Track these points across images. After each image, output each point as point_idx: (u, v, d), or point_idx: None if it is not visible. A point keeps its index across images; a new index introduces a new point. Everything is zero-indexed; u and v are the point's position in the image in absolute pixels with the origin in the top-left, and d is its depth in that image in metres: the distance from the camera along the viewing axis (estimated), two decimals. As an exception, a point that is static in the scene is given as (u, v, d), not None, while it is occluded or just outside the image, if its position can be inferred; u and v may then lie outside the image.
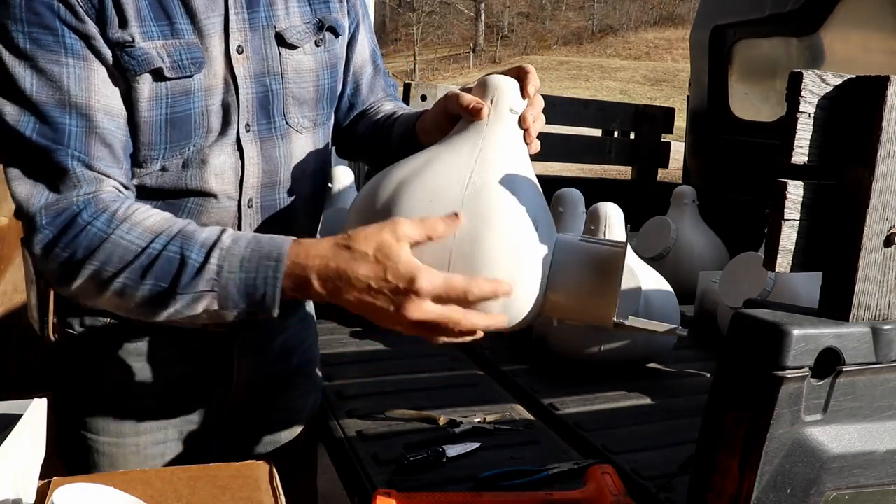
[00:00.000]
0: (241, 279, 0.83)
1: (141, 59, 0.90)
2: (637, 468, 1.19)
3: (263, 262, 0.83)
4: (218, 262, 0.84)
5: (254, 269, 0.83)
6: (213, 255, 0.84)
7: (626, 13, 54.33)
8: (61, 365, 1.10)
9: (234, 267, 0.84)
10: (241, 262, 0.84)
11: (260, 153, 1.01)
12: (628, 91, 32.24)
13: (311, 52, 1.04)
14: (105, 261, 0.85)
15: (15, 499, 0.73)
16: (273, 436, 1.24)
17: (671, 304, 1.63)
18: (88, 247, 0.85)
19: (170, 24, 0.92)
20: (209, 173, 0.98)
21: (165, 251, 0.84)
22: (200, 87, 0.94)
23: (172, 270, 0.84)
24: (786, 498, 0.69)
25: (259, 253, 0.84)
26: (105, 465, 1.08)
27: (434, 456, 1.18)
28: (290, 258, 0.83)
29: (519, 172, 0.90)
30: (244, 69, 0.98)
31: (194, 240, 0.85)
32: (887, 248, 0.71)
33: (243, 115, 0.99)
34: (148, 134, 0.93)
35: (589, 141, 3.00)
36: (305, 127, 1.06)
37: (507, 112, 0.93)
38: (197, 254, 0.84)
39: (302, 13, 1.04)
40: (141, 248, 0.84)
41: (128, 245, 0.85)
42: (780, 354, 0.66)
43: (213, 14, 0.95)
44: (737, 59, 2.66)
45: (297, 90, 1.04)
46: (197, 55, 0.93)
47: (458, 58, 49.10)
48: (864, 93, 0.69)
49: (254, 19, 0.99)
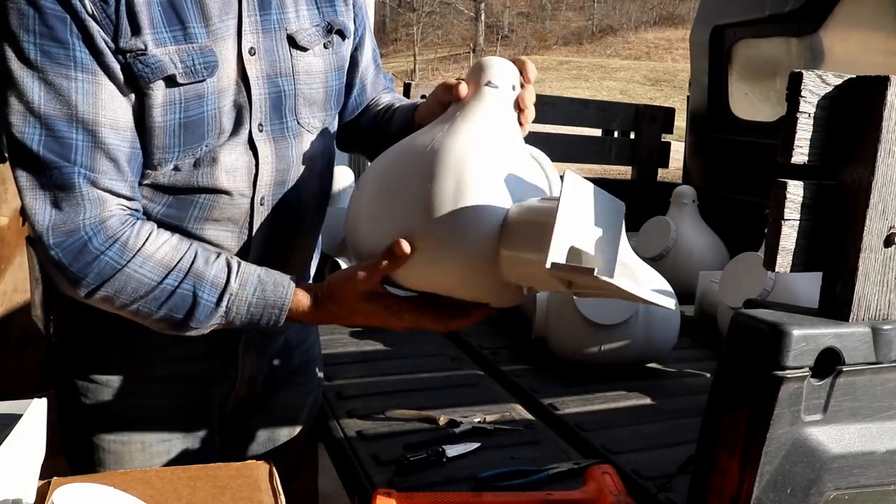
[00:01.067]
0: (246, 319, 0.97)
1: (154, 66, 0.90)
2: (637, 468, 1.19)
3: (268, 309, 0.97)
4: (227, 306, 0.96)
5: (259, 314, 0.97)
6: (223, 300, 0.95)
7: (626, 13, 54.32)
8: (66, 363, 1.10)
9: (241, 311, 0.96)
10: (248, 307, 0.96)
11: (274, 152, 1.03)
12: (628, 91, 32.24)
13: (320, 53, 1.06)
14: (119, 289, 0.92)
15: (15, 499, 0.73)
16: (273, 434, 1.24)
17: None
18: (101, 275, 0.91)
19: (183, 30, 0.92)
20: (220, 171, 0.98)
21: (179, 289, 0.93)
22: (213, 90, 0.95)
23: (186, 306, 0.94)
24: (786, 498, 0.69)
25: (264, 301, 0.97)
26: (111, 463, 1.08)
27: (434, 456, 1.19)
28: (290, 311, 0.97)
29: (487, 140, 0.91)
30: (256, 70, 0.99)
31: (205, 280, 0.94)
32: (887, 248, 0.71)
33: (256, 115, 1.00)
34: (162, 138, 0.94)
35: (589, 141, 3.00)
36: (315, 127, 1.08)
37: (497, 92, 0.95)
38: (209, 295, 0.95)
39: (311, 16, 1.05)
40: (155, 283, 0.93)
41: (141, 278, 0.92)
42: (780, 354, 0.66)
43: (227, 17, 0.96)
44: (737, 59, 2.65)
45: (308, 91, 1.05)
46: (210, 59, 0.94)
47: (458, 58, 49.10)
48: (864, 93, 0.69)
49: (266, 21, 1.00)
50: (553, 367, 1.62)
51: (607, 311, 1.55)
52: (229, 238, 1.02)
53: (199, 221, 1.00)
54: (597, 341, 1.56)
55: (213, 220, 1.01)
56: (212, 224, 1.01)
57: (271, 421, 1.24)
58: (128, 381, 1.08)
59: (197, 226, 1.00)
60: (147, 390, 1.08)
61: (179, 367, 1.09)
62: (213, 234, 1.01)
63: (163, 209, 0.98)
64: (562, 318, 1.60)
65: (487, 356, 1.70)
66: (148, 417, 1.09)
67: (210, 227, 1.01)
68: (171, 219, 0.99)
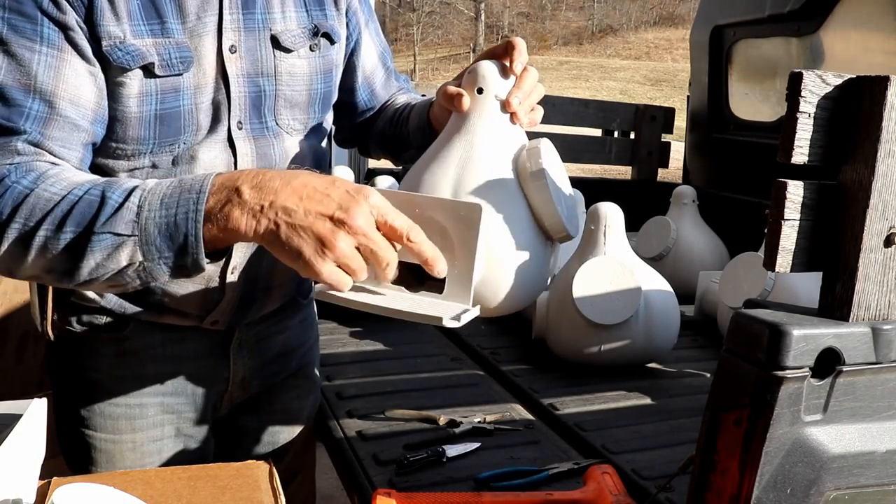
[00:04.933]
0: (161, 217, 0.78)
1: (134, 53, 0.90)
2: (637, 468, 1.19)
3: (185, 195, 0.79)
4: (139, 203, 0.79)
5: (174, 204, 0.78)
6: (133, 195, 0.80)
7: (626, 13, 54.32)
8: (60, 361, 1.10)
9: (154, 205, 0.79)
10: (161, 200, 0.79)
11: (254, 150, 1.02)
12: (628, 91, 32.23)
13: (305, 56, 1.05)
14: (28, 215, 0.80)
15: (15, 499, 0.73)
16: (271, 436, 1.24)
17: (671, 304, 1.63)
18: (13, 205, 0.80)
19: (160, 23, 0.92)
20: (199, 169, 0.98)
21: (86, 195, 0.80)
22: (189, 84, 0.95)
23: (91, 212, 0.79)
24: (786, 498, 0.69)
25: (181, 188, 0.79)
26: (102, 462, 1.08)
27: (434, 456, 1.19)
28: (214, 183, 0.79)
29: (500, 174, 0.90)
30: (237, 68, 0.98)
31: (118, 184, 0.82)
32: (887, 248, 0.71)
33: (235, 113, 0.99)
34: (136, 128, 0.93)
35: (589, 141, 3.00)
36: (295, 129, 1.07)
37: (493, 99, 0.93)
38: (118, 195, 0.80)
39: (299, 18, 1.05)
40: (62, 195, 0.80)
41: (50, 196, 0.80)
42: (780, 354, 0.66)
43: (207, 14, 0.96)
44: (737, 59, 2.66)
45: (289, 93, 1.04)
46: (185, 55, 0.94)
47: (458, 58, 49.06)
48: (865, 93, 0.69)
49: (249, 20, 0.99)
50: (553, 367, 1.62)
51: (607, 311, 1.55)
52: None
53: None
54: (597, 341, 1.56)
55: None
56: None
57: (270, 423, 1.23)
58: (119, 380, 1.08)
59: None
60: (137, 389, 1.08)
61: (170, 366, 1.09)
62: None
63: None
64: (562, 318, 1.60)
65: (487, 356, 1.70)
66: (139, 417, 1.09)
67: None
68: None
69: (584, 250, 1.62)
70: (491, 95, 0.93)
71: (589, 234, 1.62)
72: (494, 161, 0.91)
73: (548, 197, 0.89)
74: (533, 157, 0.90)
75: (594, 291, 1.55)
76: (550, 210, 0.90)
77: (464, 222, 0.82)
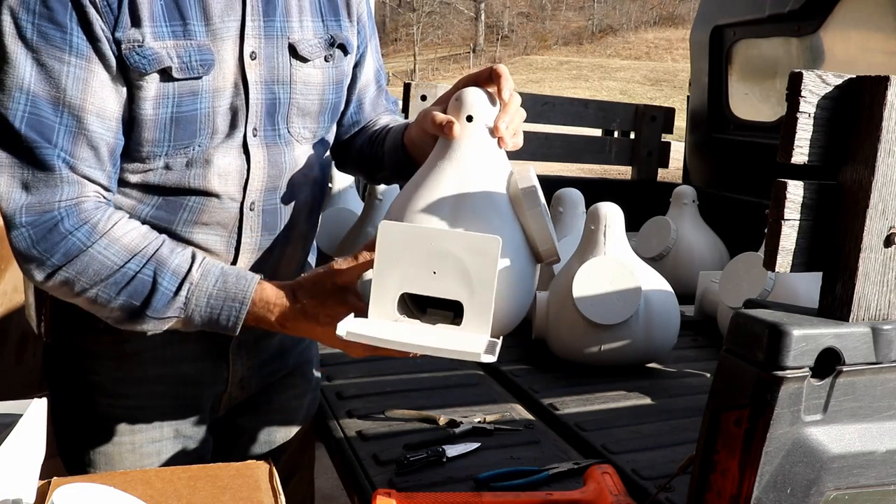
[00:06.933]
0: (206, 313, 0.94)
1: (151, 57, 0.90)
2: (637, 468, 1.19)
3: (228, 302, 0.94)
4: (186, 296, 0.93)
5: (219, 307, 0.94)
6: (182, 288, 0.93)
7: (626, 13, 54.33)
8: (58, 363, 1.10)
9: (200, 302, 0.93)
10: (207, 299, 0.93)
11: (266, 158, 1.03)
12: (628, 91, 32.24)
13: (320, 66, 1.06)
14: (81, 271, 0.90)
15: (15, 499, 0.73)
16: (268, 435, 1.24)
17: (671, 304, 1.63)
18: (66, 255, 0.89)
19: (183, 25, 0.93)
20: (212, 174, 0.98)
21: (140, 273, 0.91)
22: (208, 88, 0.95)
23: (145, 293, 0.92)
24: (786, 498, 0.69)
25: (225, 293, 0.94)
26: (101, 463, 1.08)
27: (434, 456, 1.19)
28: (253, 303, 0.94)
29: (494, 200, 0.91)
30: (256, 75, 0.99)
31: (167, 267, 0.92)
32: (887, 248, 0.71)
33: (251, 119, 1.00)
34: (152, 131, 0.93)
35: (589, 141, 3.00)
36: (305, 138, 1.08)
37: (482, 126, 0.94)
38: (169, 282, 0.92)
39: (315, 28, 1.05)
40: (117, 266, 0.91)
41: (104, 261, 0.90)
42: (780, 354, 0.66)
43: (230, 19, 0.96)
44: (737, 59, 2.66)
45: (302, 101, 1.05)
46: (207, 57, 0.94)
47: (458, 58, 49.06)
48: (864, 93, 0.69)
49: (269, 28, 1.00)
50: (553, 367, 1.62)
51: (607, 311, 1.55)
52: (218, 242, 1.02)
53: (188, 224, 1.00)
54: (597, 341, 1.56)
55: (202, 224, 1.00)
56: (201, 228, 1.00)
57: (268, 422, 1.23)
58: (118, 381, 1.07)
59: (186, 229, 1.00)
60: (137, 391, 1.08)
61: (170, 368, 1.09)
62: (201, 238, 1.01)
63: (152, 211, 0.98)
64: (562, 318, 1.60)
65: (487, 356, 1.69)
66: (138, 418, 1.09)
67: (199, 230, 1.01)
68: (160, 221, 0.98)
69: (584, 250, 1.62)
70: (480, 122, 0.94)
71: (589, 234, 1.62)
72: (487, 187, 0.92)
73: (544, 223, 0.90)
74: (527, 187, 0.91)
75: (594, 291, 1.55)
76: (545, 236, 0.91)
77: (481, 255, 0.84)
